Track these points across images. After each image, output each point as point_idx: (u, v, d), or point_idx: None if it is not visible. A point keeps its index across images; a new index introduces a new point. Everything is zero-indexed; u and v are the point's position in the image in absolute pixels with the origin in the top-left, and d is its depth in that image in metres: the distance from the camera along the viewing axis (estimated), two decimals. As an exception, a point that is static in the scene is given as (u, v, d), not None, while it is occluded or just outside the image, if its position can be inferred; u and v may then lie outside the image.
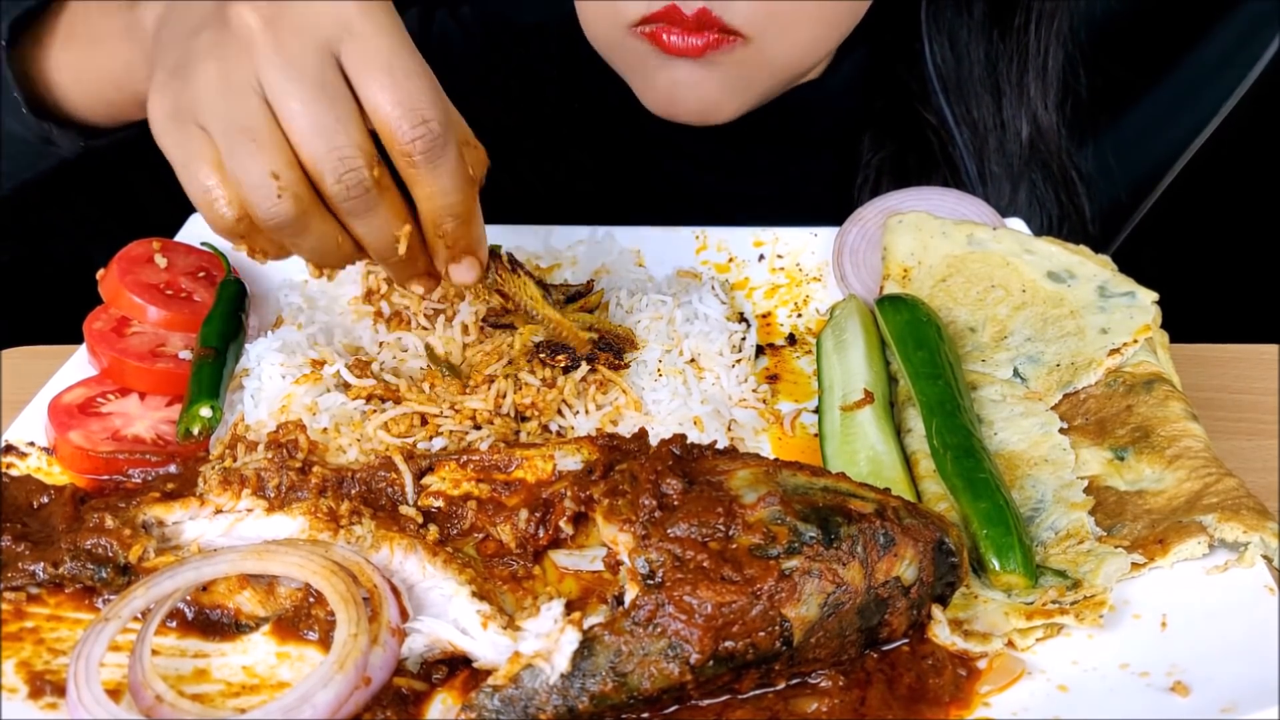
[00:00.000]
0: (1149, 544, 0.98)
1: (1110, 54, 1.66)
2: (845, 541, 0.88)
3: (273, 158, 0.92)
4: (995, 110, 1.61)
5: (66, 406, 1.13)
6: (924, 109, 1.60)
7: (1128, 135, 1.84)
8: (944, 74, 1.59)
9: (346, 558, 0.94)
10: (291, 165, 0.93)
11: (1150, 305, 1.24)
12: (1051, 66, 1.60)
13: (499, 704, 0.84)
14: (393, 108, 0.92)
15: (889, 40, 1.62)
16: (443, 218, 0.99)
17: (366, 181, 0.94)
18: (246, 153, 0.92)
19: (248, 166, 0.92)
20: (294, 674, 0.91)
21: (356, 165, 0.93)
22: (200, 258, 1.33)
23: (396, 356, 1.22)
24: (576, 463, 1.05)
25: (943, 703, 0.88)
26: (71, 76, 1.26)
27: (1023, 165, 1.60)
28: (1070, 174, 1.66)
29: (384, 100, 0.92)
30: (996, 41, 1.59)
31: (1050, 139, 1.63)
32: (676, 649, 0.85)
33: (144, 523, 0.99)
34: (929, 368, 1.16)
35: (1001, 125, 1.61)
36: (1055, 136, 1.63)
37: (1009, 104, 1.61)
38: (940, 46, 1.59)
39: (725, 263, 1.45)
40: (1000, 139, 1.61)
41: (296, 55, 0.92)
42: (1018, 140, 1.61)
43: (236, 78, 0.93)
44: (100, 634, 0.87)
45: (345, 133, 0.92)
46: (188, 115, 0.95)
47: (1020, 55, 1.59)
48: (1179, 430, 1.09)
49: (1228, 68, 1.80)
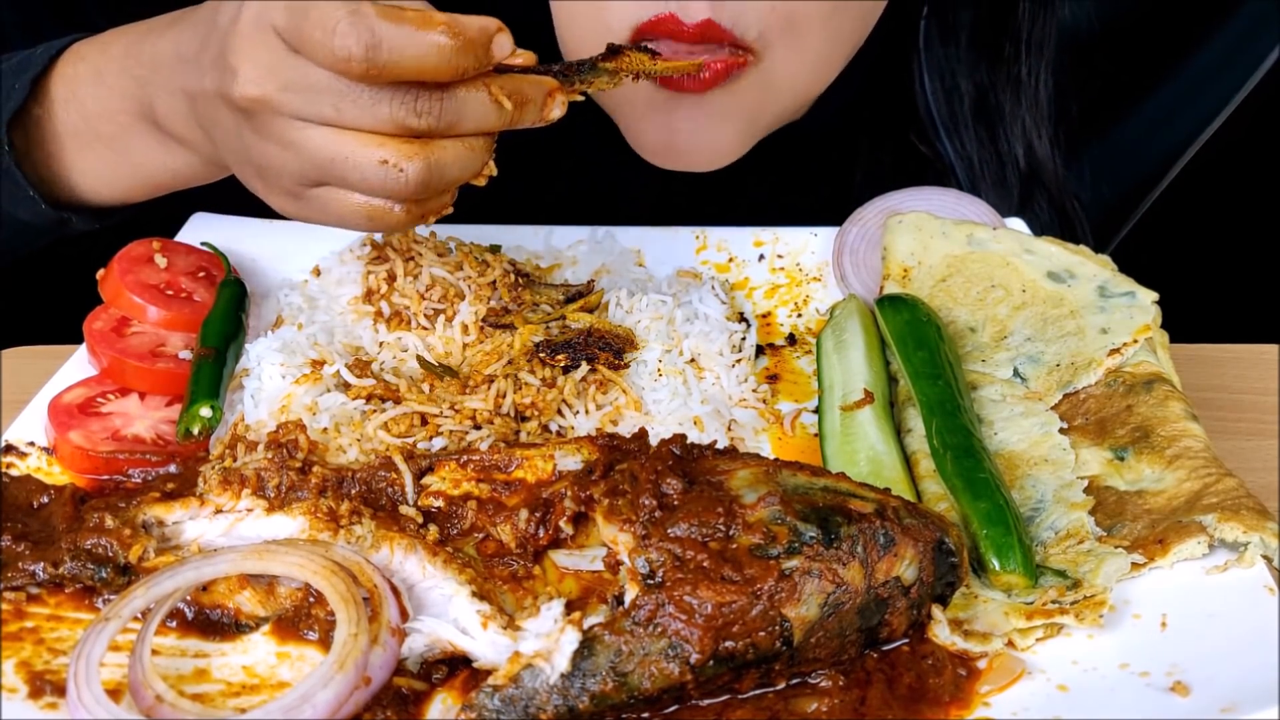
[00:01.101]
0: (1149, 544, 0.98)
1: (1110, 56, 1.66)
2: (845, 541, 0.88)
3: (367, 153, 0.95)
4: (990, 142, 1.58)
5: (66, 406, 1.13)
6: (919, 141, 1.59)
7: (1128, 136, 1.84)
8: (937, 108, 1.56)
9: (346, 558, 0.94)
10: (383, 143, 0.95)
11: (1150, 305, 1.24)
12: (1044, 96, 1.56)
13: (499, 704, 0.84)
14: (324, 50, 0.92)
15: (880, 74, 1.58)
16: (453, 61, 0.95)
17: (432, 97, 0.94)
18: (350, 167, 0.96)
19: (363, 174, 0.96)
20: (294, 674, 0.91)
21: (413, 95, 0.93)
22: (200, 258, 1.33)
23: (396, 356, 1.22)
24: (576, 463, 1.05)
25: (943, 703, 0.88)
26: (102, 180, 1.28)
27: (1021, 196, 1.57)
28: (1071, 204, 1.63)
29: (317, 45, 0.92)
30: (987, 73, 1.55)
31: (1047, 170, 1.59)
32: (677, 649, 0.85)
33: (144, 523, 0.99)
34: (929, 368, 1.16)
35: (998, 157, 1.58)
36: (1052, 167, 1.60)
37: (1003, 136, 1.57)
38: (931, 80, 1.56)
39: (725, 263, 1.45)
40: (998, 171, 1.58)
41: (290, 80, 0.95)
42: (1015, 172, 1.58)
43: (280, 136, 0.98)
44: (100, 634, 0.87)
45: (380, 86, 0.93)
46: (294, 189, 1.01)
47: (1012, 86, 1.55)
48: (1179, 430, 1.09)
49: (1228, 69, 1.80)
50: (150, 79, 1.17)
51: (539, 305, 1.29)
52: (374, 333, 1.25)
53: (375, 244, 1.33)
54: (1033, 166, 1.59)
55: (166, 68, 1.14)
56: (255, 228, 1.41)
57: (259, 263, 1.37)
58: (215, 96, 1.03)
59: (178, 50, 1.12)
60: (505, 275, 1.28)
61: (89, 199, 1.31)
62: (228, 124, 1.04)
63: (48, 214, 1.27)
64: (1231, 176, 1.85)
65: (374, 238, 1.34)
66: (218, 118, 1.05)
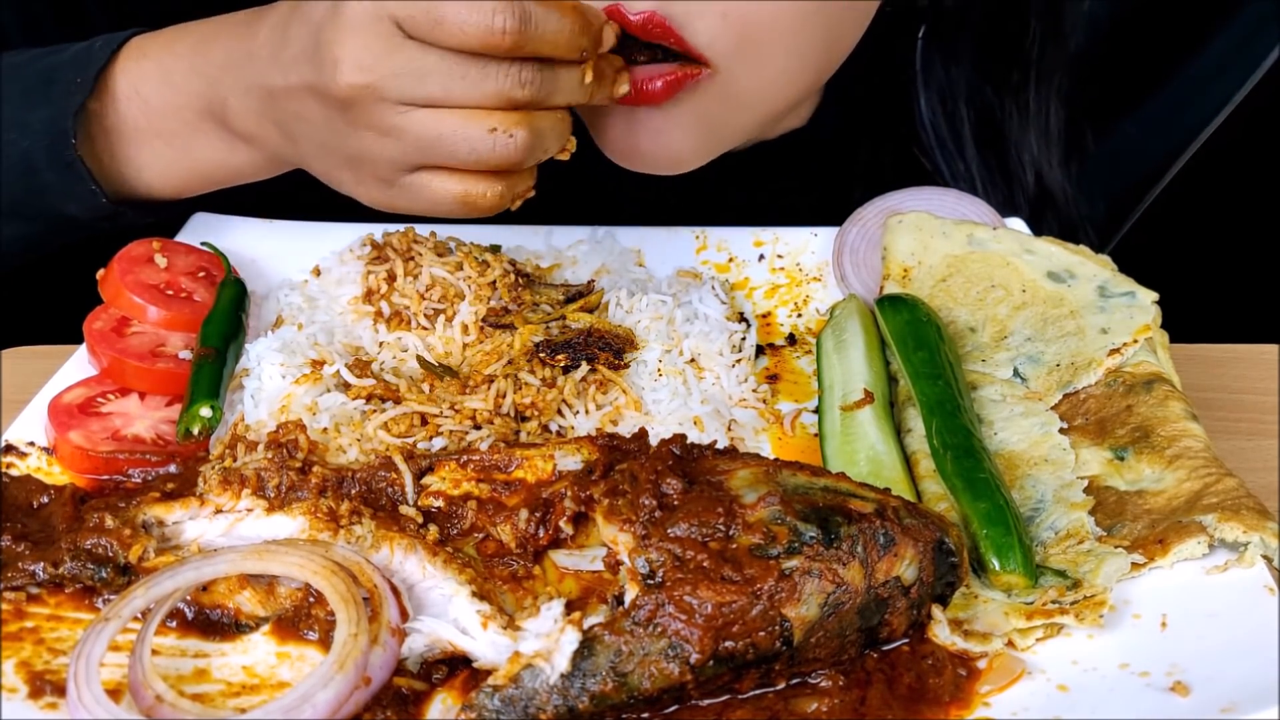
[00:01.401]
0: (1149, 544, 0.98)
1: (1110, 57, 1.66)
2: (845, 541, 0.88)
3: (475, 125, 1.02)
4: (998, 167, 1.57)
5: (66, 406, 1.13)
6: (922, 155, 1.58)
7: (1128, 136, 1.84)
8: (939, 133, 1.55)
9: (346, 558, 0.94)
10: (489, 114, 1.02)
11: (1150, 305, 1.24)
12: (1055, 124, 1.56)
13: (499, 704, 0.84)
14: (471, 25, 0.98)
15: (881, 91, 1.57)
16: (579, 45, 1.04)
17: (535, 66, 1.02)
18: (459, 140, 1.03)
19: (472, 145, 1.03)
20: (294, 674, 0.91)
21: (517, 68, 1.01)
22: (200, 258, 1.33)
23: (396, 356, 1.22)
24: (576, 463, 1.05)
25: (943, 703, 0.88)
26: (157, 175, 1.30)
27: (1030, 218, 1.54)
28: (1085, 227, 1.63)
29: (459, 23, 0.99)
30: (991, 97, 1.54)
31: (1058, 196, 1.59)
32: (677, 649, 0.85)
33: (144, 523, 0.99)
34: (929, 368, 1.16)
35: (1006, 181, 1.57)
36: (1063, 194, 1.59)
37: (1012, 161, 1.56)
38: (930, 102, 1.55)
39: (725, 263, 1.45)
40: (1005, 192, 1.57)
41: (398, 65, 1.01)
42: (1024, 195, 1.57)
43: (380, 123, 1.03)
44: (100, 634, 0.87)
45: (485, 63, 1.01)
46: (389, 176, 1.07)
47: (1021, 113, 1.54)
48: (1179, 430, 1.09)
49: (1228, 69, 1.80)
50: (221, 78, 1.19)
51: (539, 305, 1.29)
52: (374, 333, 1.25)
53: (375, 244, 1.33)
54: (1042, 191, 1.58)
55: (239, 66, 1.16)
56: (255, 228, 1.41)
57: (259, 263, 1.37)
58: (303, 90, 1.07)
59: (252, 49, 1.14)
60: (505, 275, 1.28)
61: (141, 193, 1.31)
62: (314, 117, 1.08)
63: (103, 208, 1.28)
64: (1231, 176, 1.85)
65: (374, 237, 1.34)
66: (302, 112, 1.09)
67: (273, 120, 1.15)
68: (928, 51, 1.55)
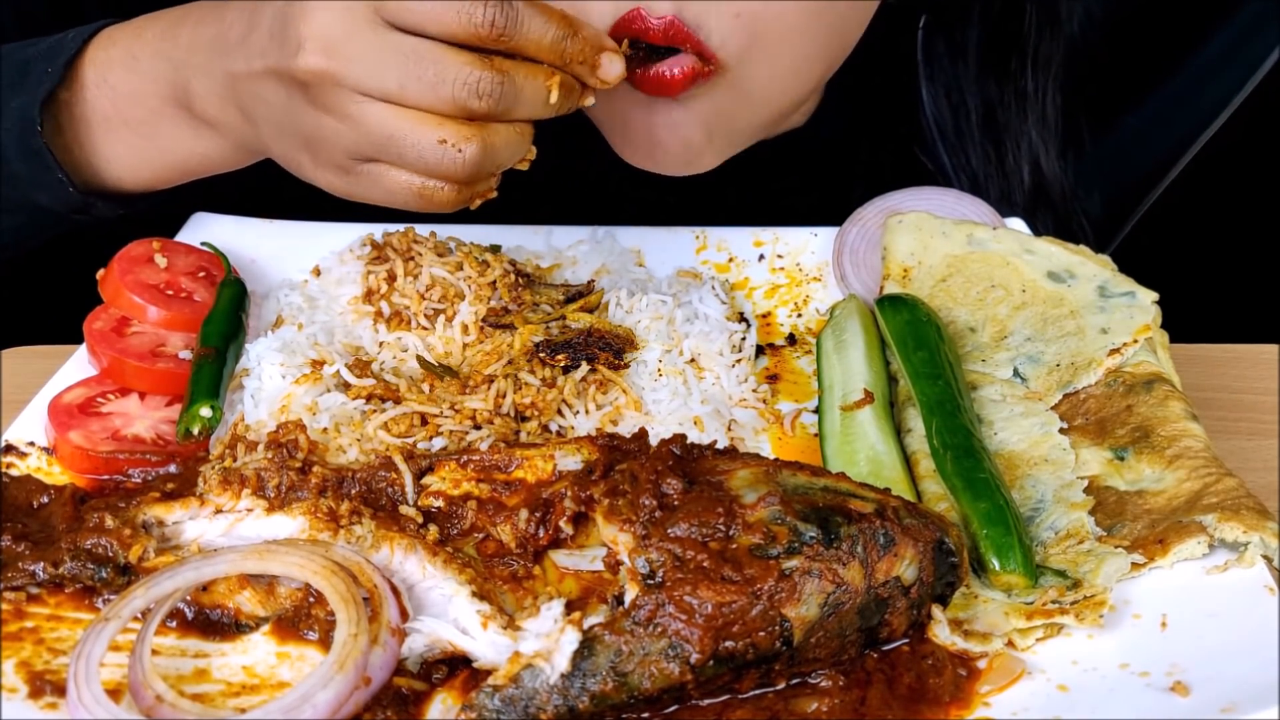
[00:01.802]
0: (1149, 544, 0.98)
1: (1110, 56, 1.66)
2: (845, 541, 0.88)
3: (425, 132, 1.00)
4: (997, 159, 1.56)
5: (66, 406, 1.13)
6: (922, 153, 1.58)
7: (1128, 136, 1.83)
8: (941, 124, 1.55)
9: (346, 558, 0.94)
10: (442, 124, 1.00)
11: (1150, 305, 1.24)
12: (1051, 111, 1.55)
13: (499, 704, 0.84)
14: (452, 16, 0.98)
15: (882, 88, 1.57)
16: (561, 49, 1.03)
17: (496, 79, 1.00)
18: (407, 145, 1.00)
19: (420, 152, 1.01)
20: (294, 674, 0.91)
21: (476, 78, 0.99)
22: (200, 258, 1.33)
23: (396, 356, 1.22)
24: (576, 463, 1.05)
25: (943, 703, 0.88)
26: (126, 165, 1.29)
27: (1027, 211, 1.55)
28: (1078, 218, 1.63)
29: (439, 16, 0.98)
30: (994, 89, 1.54)
31: (1055, 188, 1.59)
32: (677, 649, 0.85)
33: (144, 523, 0.99)
34: (929, 368, 1.16)
35: (1004, 173, 1.57)
36: (1060, 183, 1.59)
37: (1010, 152, 1.56)
38: (936, 96, 1.55)
39: (725, 263, 1.45)
40: (1003, 188, 1.57)
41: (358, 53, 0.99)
42: (1021, 190, 1.57)
43: (338, 108, 1.01)
44: (100, 634, 0.87)
45: (446, 66, 0.99)
46: (345, 163, 1.05)
47: (1019, 101, 1.54)
48: (1179, 430, 1.09)
49: (1228, 69, 1.80)
50: (187, 62, 1.18)
51: (539, 305, 1.29)
52: (374, 333, 1.25)
53: (375, 244, 1.33)
54: (1039, 182, 1.57)
55: (206, 51, 1.16)
56: (255, 228, 1.41)
57: (259, 263, 1.37)
58: (266, 73, 1.06)
59: (220, 34, 1.14)
60: (505, 275, 1.28)
61: (113, 185, 1.31)
62: (275, 99, 1.07)
63: (72, 198, 1.27)
64: (1231, 176, 1.85)
65: (374, 237, 1.34)
66: (264, 94, 1.08)
67: (235, 104, 1.14)
68: (929, 42, 1.55)
